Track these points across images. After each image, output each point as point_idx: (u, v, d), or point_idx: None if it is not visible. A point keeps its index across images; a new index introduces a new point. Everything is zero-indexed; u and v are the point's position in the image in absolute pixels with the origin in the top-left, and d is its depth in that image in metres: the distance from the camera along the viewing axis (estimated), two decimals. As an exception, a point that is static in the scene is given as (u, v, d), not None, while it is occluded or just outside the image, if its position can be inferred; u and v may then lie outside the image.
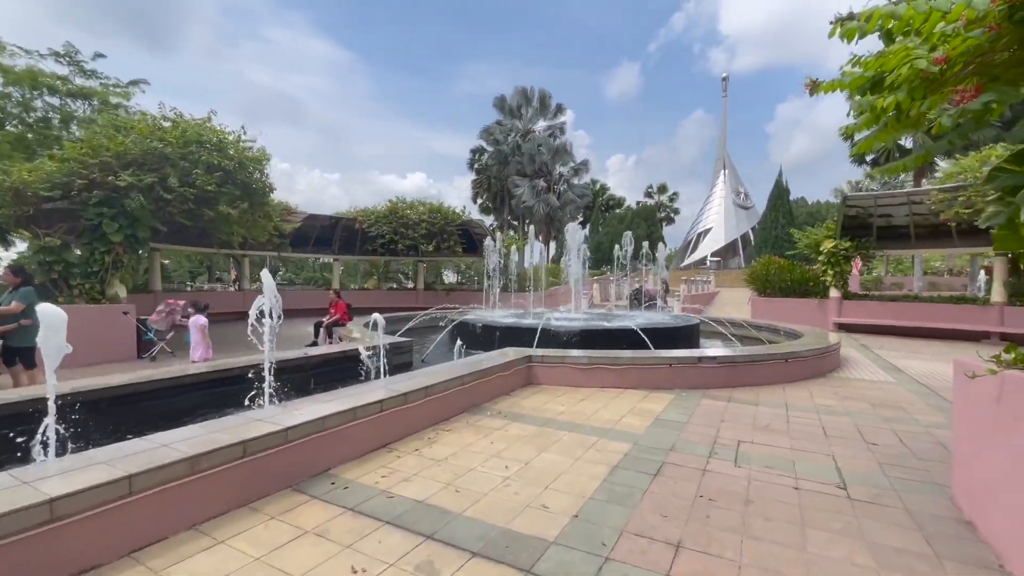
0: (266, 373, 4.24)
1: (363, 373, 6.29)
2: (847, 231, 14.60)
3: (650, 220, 50.44)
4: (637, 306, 18.02)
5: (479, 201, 45.45)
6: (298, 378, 6.14)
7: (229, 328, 13.39)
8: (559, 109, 39.68)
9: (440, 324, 11.63)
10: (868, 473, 3.61)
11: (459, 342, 7.64)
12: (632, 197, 76.05)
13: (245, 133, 10.11)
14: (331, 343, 9.75)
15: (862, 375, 7.59)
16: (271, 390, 4.21)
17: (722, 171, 52.36)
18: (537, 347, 7.69)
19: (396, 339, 8.02)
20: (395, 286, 28.76)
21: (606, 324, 9.41)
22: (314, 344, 10.34)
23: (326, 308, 11.20)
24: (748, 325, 12.14)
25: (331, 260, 22.20)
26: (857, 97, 3.38)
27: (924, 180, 24.38)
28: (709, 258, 48.01)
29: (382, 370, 5.62)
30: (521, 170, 37.71)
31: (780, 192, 30.88)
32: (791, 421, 4.95)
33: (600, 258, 43.56)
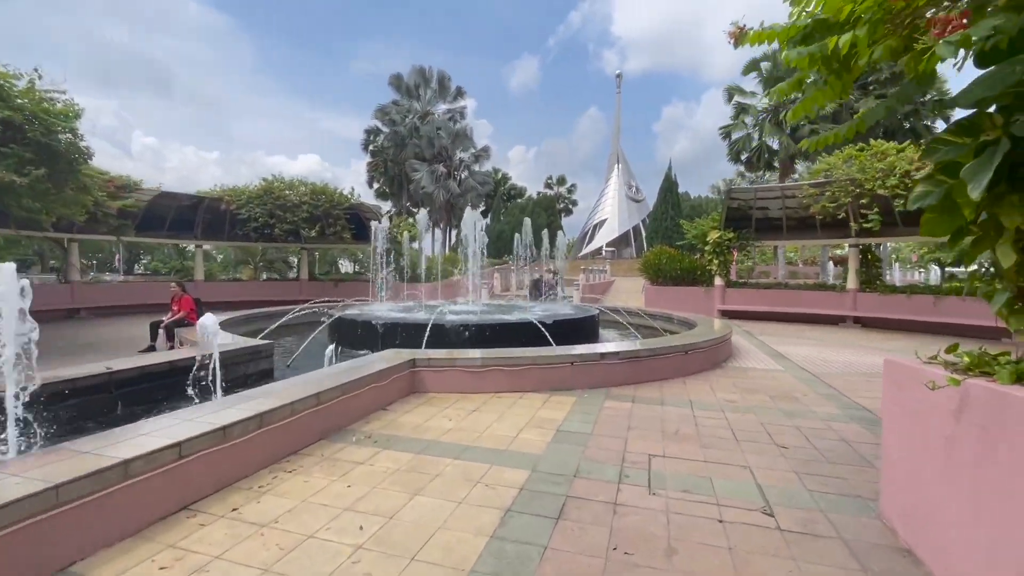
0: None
1: (194, 389, 4.88)
2: (730, 223, 15.40)
3: (550, 210, 51.25)
4: (537, 296, 17.68)
5: (375, 186, 42.77)
6: (95, 403, 4.57)
7: (53, 330, 10.63)
8: (459, 92, 38.42)
9: (322, 320, 10.14)
10: (789, 489, 3.18)
11: (332, 344, 6.40)
12: (533, 188, 76.93)
13: (41, 78, 7.70)
14: (172, 347, 7.90)
15: (753, 364, 7.65)
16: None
17: (616, 165, 54.79)
18: (427, 346, 6.71)
19: (251, 342, 6.57)
20: (277, 277, 25.84)
21: (505, 317, 8.68)
22: (150, 349, 8.37)
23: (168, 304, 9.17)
24: (644, 314, 12.18)
25: (193, 247, 19.08)
26: (789, 51, 2.85)
27: (788, 179, 27.03)
28: (605, 248, 50.08)
29: (215, 386, 4.31)
30: (419, 154, 35.95)
31: (669, 185, 32.74)
32: (699, 424, 4.53)
33: (502, 247, 43.29)
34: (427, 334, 7.06)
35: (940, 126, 26.99)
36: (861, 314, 13.38)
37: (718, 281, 15.54)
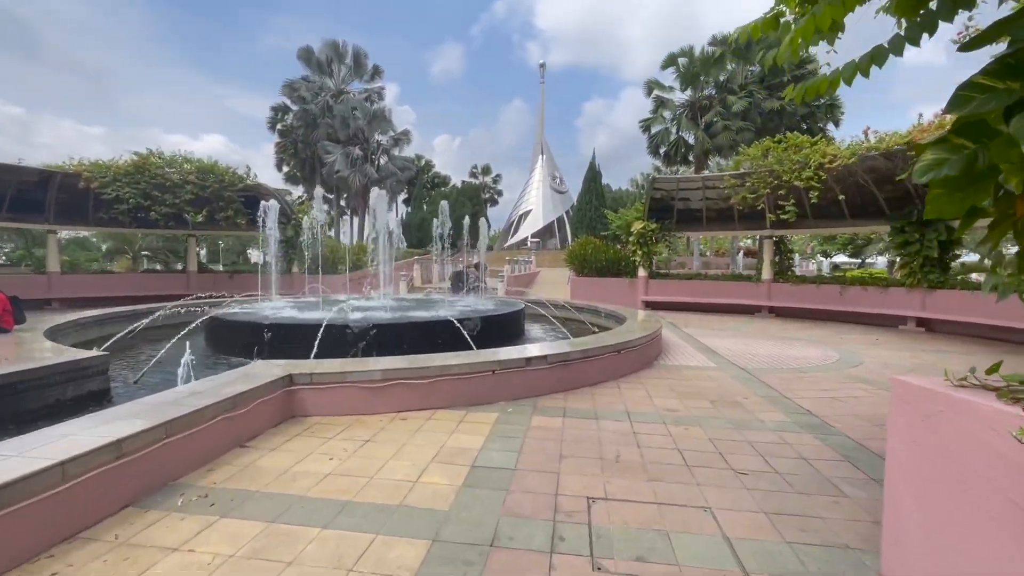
0: None
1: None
2: (653, 213, 15.29)
3: (474, 199, 50.12)
4: (460, 289, 16.66)
5: (285, 169, 39.19)
6: None
7: None
8: (376, 72, 35.99)
9: (194, 321, 8.45)
10: (765, 544, 2.48)
11: (187, 355, 5.00)
12: (458, 178, 75.21)
13: None
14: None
15: (685, 361, 7.21)
16: None
17: (540, 156, 54.75)
18: (319, 354, 5.51)
19: (73, 355, 5.00)
20: (159, 268, 22.58)
21: (417, 315, 7.60)
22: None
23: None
24: (570, 307, 11.61)
25: (44, 231, 15.88)
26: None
27: (703, 173, 28.04)
28: (530, 239, 49.94)
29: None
30: (333, 135, 33.26)
31: (593, 175, 32.87)
32: (642, 444, 3.81)
33: (424, 237, 41.58)
34: (319, 339, 5.83)
35: (831, 129, 29.27)
36: (775, 304, 13.77)
37: (642, 272, 15.41)
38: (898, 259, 12.07)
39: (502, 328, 8.10)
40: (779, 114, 27.09)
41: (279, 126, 38.25)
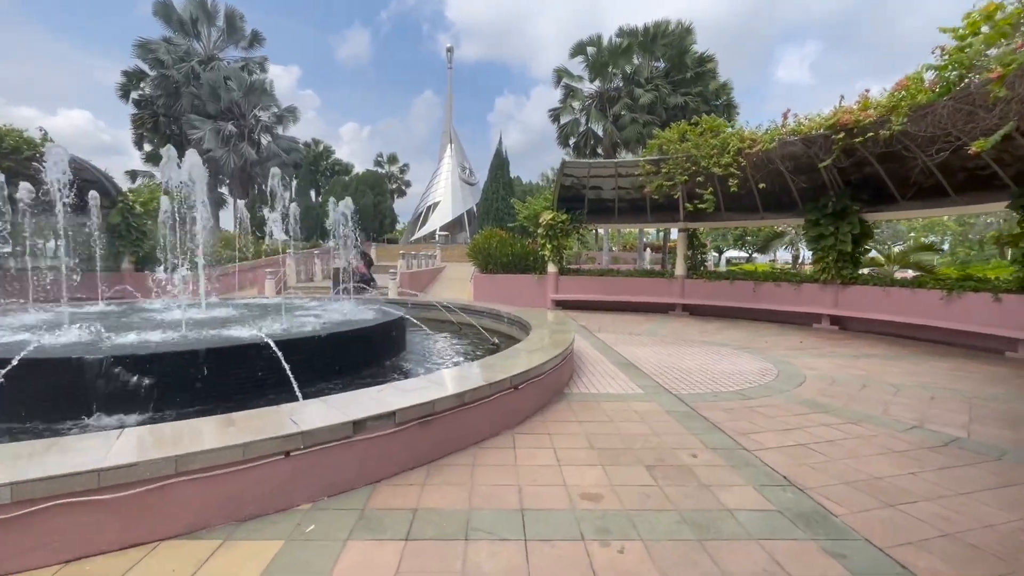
0: None
1: None
2: (563, 203, 13.80)
3: (377, 188, 46.33)
4: (362, 287, 14.06)
5: (147, 147, 33.00)
6: None
7: None
8: (256, 38, 31.30)
9: None
10: None
11: None
12: (366, 167, 70.38)
13: None
14: None
15: (605, 386, 5.53)
16: None
17: (449, 145, 52.15)
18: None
19: None
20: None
21: (227, 334, 5.16)
22: None
23: None
24: (470, 311, 9.67)
25: None
26: None
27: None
28: (439, 232, 47.32)
29: None
30: (200, 107, 28.29)
31: (500, 162, 30.95)
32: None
33: (314, 227, 37.52)
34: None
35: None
36: (689, 301, 12.88)
37: (551, 268, 13.88)
38: (811, 254, 11.59)
39: (365, 350, 5.92)
40: (683, 109, 27.19)
41: (134, 95, 32.10)
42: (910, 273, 14.14)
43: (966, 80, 6.10)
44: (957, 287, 8.74)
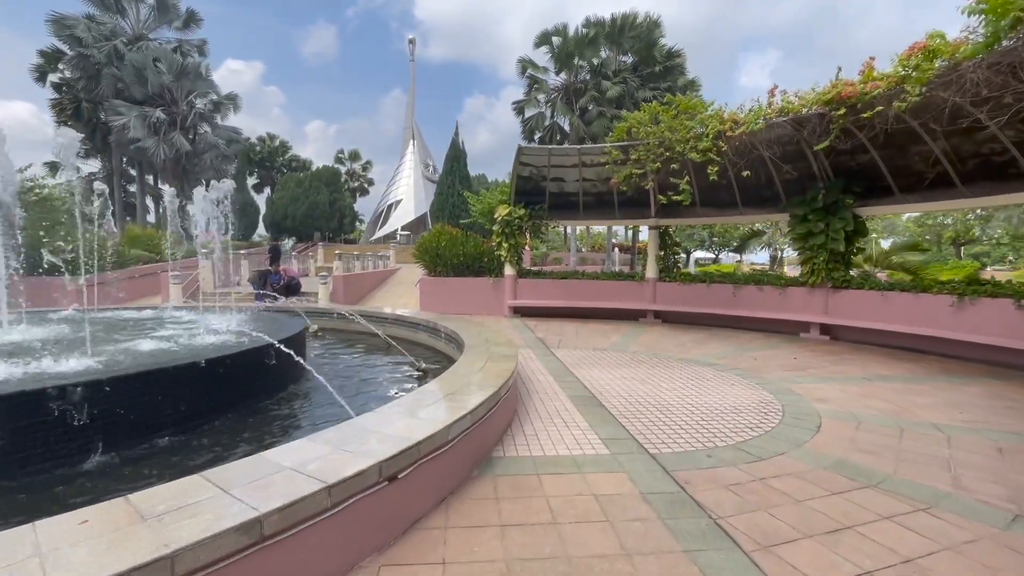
0: None
1: None
2: (522, 196, 12.16)
3: (334, 185, 43.63)
4: (265, 295, 12.09)
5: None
6: None
7: None
8: (192, 18, 28.54)
9: None
10: None
11: None
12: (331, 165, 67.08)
13: None
14: None
15: (554, 444, 3.87)
16: None
17: (411, 141, 49.85)
18: None
19: None
20: None
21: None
22: None
23: None
24: (405, 322, 7.94)
25: None
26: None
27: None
28: (400, 232, 45.04)
29: None
30: (126, 92, 25.42)
31: (456, 153, 28.76)
32: None
33: (250, 225, 34.83)
34: None
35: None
36: (662, 308, 11.44)
37: (509, 270, 12.22)
38: (795, 253, 10.32)
39: (207, 393, 4.08)
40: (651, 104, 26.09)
41: (52, 78, 28.85)
42: (885, 275, 13.12)
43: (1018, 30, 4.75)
44: (970, 292, 7.52)
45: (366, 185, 72.02)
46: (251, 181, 60.35)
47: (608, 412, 4.62)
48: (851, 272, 9.49)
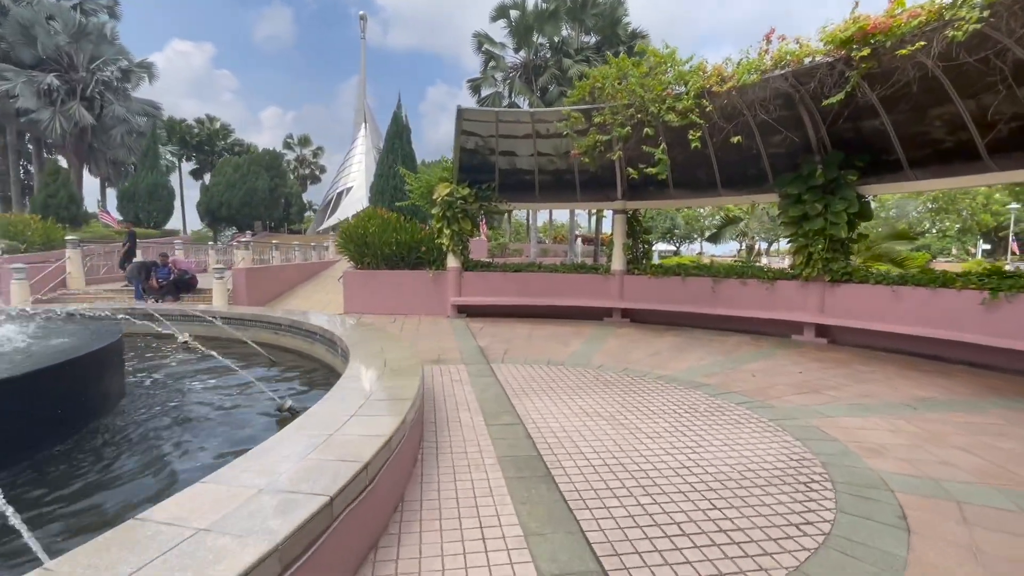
0: None
1: None
2: (467, 173, 10.19)
3: (275, 171, 40.09)
4: (144, 292, 9.79)
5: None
6: None
7: None
8: (99, -27, 24.82)
9: None
10: None
11: None
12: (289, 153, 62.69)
13: None
14: None
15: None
16: None
17: (363, 124, 46.63)
18: None
19: None
20: None
21: None
22: None
23: None
24: (298, 330, 5.89)
25: None
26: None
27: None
28: (351, 220, 42.03)
29: None
30: (10, 53, 21.69)
31: (399, 129, 25.86)
32: None
33: (156, 211, 31.37)
34: None
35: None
36: (630, 305, 9.77)
37: (452, 262, 10.26)
38: (787, 242, 8.84)
39: None
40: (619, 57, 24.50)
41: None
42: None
43: None
44: (1006, 287, 6.11)
45: (318, 172, 68.07)
46: (188, 167, 55.85)
47: (560, 494, 2.78)
48: (851, 263, 8.03)
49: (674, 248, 59.14)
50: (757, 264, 10.34)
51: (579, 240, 28.25)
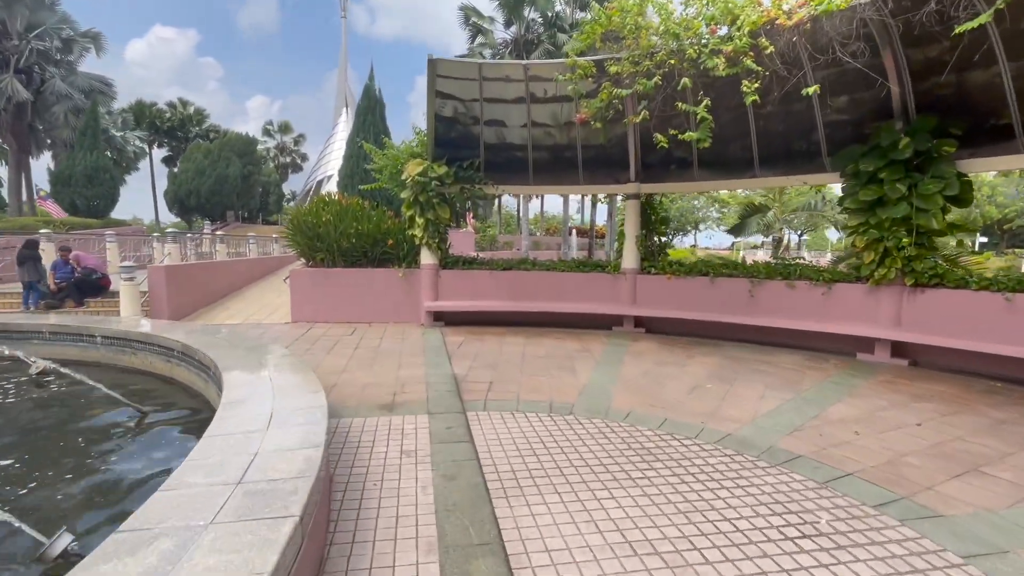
0: None
1: None
2: (445, 147, 8.21)
3: (248, 157, 37.43)
4: (43, 296, 7.75)
5: None
6: None
7: None
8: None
9: None
10: None
11: None
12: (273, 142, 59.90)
13: None
14: None
15: None
16: None
17: (344, 109, 44.06)
18: None
19: None
20: None
21: None
22: None
23: None
24: (154, 348, 3.94)
25: None
26: None
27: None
28: (303, 207, 39.61)
29: None
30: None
31: (371, 104, 23.21)
32: None
33: (179, 201, 29.09)
34: None
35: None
36: (645, 312, 7.92)
37: (427, 258, 8.32)
38: (847, 236, 7.01)
39: None
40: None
41: None
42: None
43: None
44: None
45: (299, 160, 65.24)
46: (160, 153, 52.88)
47: None
48: (937, 262, 6.22)
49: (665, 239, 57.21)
50: (799, 262, 8.48)
51: (574, 232, 26.29)
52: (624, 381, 5.16)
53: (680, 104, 5.29)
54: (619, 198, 10.71)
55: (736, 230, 13.97)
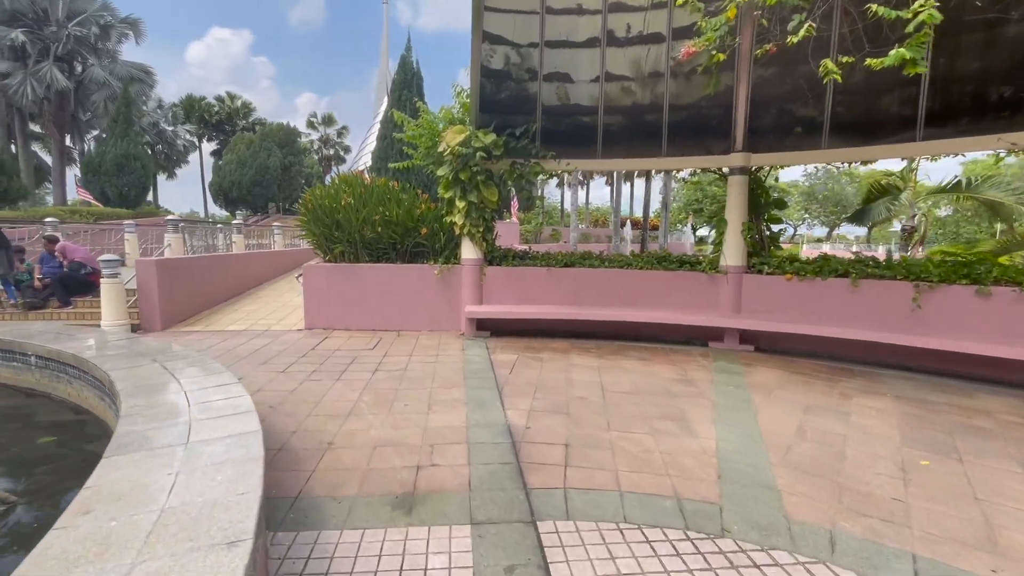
0: None
1: None
2: (492, 114, 6.46)
3: (290, 148, 37.04)
4: (22, 293, 6.48)
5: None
6: None
7: None
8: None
9: None
10: None
11: None
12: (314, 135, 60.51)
13: None
14: None
15: None
16: None
17: (385, 98, 43.29)
18: None
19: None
20: None
21: None
22: None
23: None
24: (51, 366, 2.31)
25: None
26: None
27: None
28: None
29: None
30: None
31: (407, 78, 21.13)
32: None
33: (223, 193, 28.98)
34: None
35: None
36: (753, 324, 5.93)
37: (469, 251, 6.64)
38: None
39: None
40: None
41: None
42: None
43: None
44: None
45: (342, 152, 65.34)
46: (209, 147, 53.95)
47: None
48: None
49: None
50: (990, 258, 6.20)
51: (627, 224, 24.01)
52: (776, 448, 3.28)
53: (875, 7, 3.29)
54: (673, 180, 8.67)
55: (857, 217, 11.47)
